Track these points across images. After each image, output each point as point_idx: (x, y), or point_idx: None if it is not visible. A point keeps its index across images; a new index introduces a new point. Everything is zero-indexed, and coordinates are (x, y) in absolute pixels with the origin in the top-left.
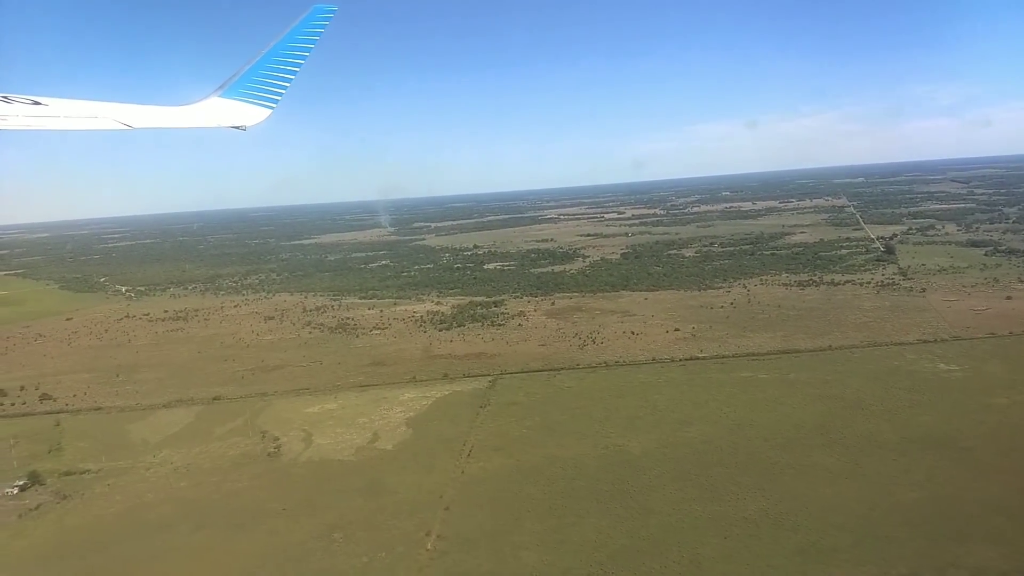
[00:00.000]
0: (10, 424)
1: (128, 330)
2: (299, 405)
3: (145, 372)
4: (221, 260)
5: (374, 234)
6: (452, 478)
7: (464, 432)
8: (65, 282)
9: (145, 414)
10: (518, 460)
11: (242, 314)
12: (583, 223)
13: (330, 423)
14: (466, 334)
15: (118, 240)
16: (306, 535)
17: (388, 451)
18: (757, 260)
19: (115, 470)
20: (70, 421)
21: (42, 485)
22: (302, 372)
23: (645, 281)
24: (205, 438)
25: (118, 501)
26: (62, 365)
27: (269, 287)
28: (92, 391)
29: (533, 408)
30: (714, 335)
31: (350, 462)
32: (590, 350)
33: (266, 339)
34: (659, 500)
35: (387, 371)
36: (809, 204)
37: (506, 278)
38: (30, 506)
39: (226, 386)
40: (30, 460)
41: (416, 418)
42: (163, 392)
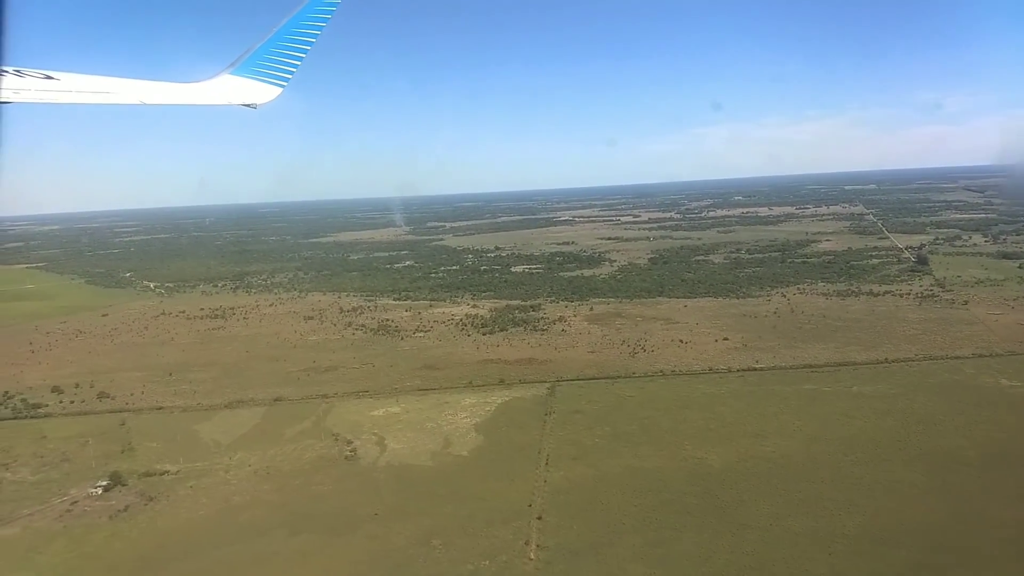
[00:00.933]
0: (75, 423)
1: (167, 327)
2: (362, 408)
3: (197, 371)
4: (243, 257)
5: (390, 233)
6: (536, 487)
7: (536, 440)
8: (91, 277)
9: (208, 414)
10: (599, 471)
11: (279, 313)
12: (600, 226)
13: (398, 427)
14: (511, 339)
15: (131, 234)
16: (405, 541)
17: (464, 457)
18: (789, 268)
19: (194, 471)
20: (134, 420)
21: (124, 486)
22: (356, 374)
23: (680, 288)
24: (276, 440)
25: (205, 504)
26: (110, 362)
27: (299, 286)
28: (148, 390)
29: (600, 417)
30: (765, 345)
31: (429, 467)
32: (642, 358)
33: (310, 339)
34: (752, 515)
35: (441, 375)
36: (826, 211)
37: (535, 281)
38: (118, 507)
39: (284, 387)
40: (105, 460)
41: (483, 424)
42: (221, 392)
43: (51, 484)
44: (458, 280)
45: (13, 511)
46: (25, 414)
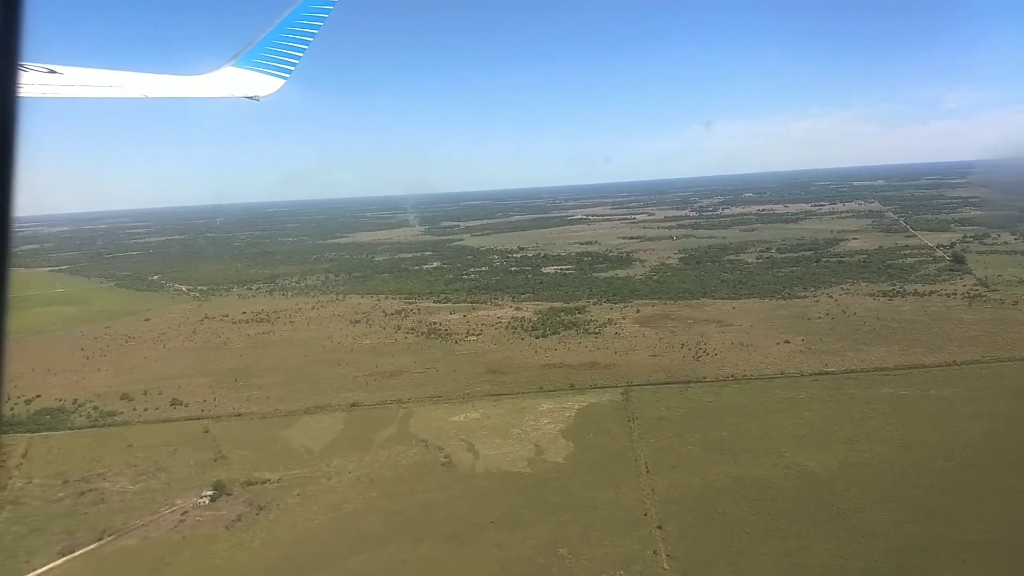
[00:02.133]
0: (156, 430)
1: (216, 332)
2: (441, 413)
3: (262, 376)
4: (267, 259)
5: (406, 233)
6: (644, 495)
7: (627, 447)
8: (118, 280)
9: (289, 420)
10: (703, 479)
11: (324, 317)
12: (617, 225)
13: (483, 433)
14: (566, 342)
15: (144, 235)
16: (531, 550)
17: (561, 464)
18: (826, 268)
19: (295, 479)
20: (216, 428)
21: (229, 495)
22: (422, 378)
23: (722, 289)
24: (367, 446)
25: (317, 512)
26: (170, 368)
27: (334, 289)
28: (219, 396)
29: (685, 423)
30: (828, 348)
31: (529, 474)
32: (707, 362)
33: (364, 343)
34: (873, 522)
35: (508, 379)
36: (843, 208)
37: (570, 283)
38: (230, 517)
39: (355, 392)
40: (200, 469)
41: (569, 430)
42: (294, 398)
43: (154, 494)
44: (492, 282)
45: (126, 521)
46: (102, 422)
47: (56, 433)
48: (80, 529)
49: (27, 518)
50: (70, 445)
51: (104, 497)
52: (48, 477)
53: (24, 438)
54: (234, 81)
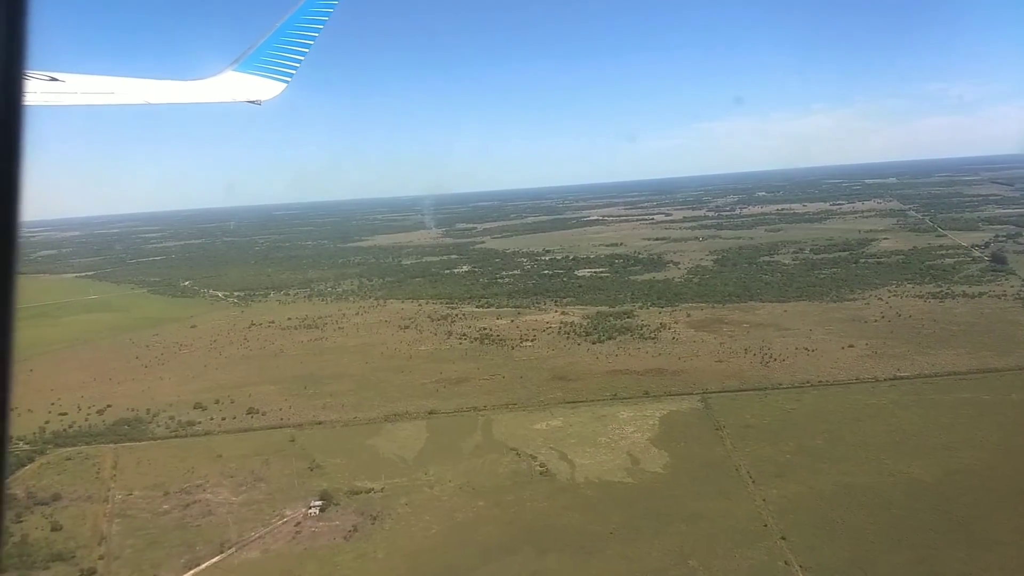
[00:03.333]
0: (240, 440)
1: (268, 339)
2: (521, 421)
3: (330, 384)
4: (293, 264)
5: (425, 236)
6: (757, 506)
7: (723, 456)
8: (150, 286)
9: (372, 428)
10: (810, 488)
11: (370, 323)
12: (636, 226)
13: (572, 442)
14: (624, 348)
15: (160, 240)
16: (658, 562)
17: (661, 474)
18: (866, 269)
19: (398, 488)
20: (301, 436)
21: (337, 505)
22: (490, 385)
23: (767, 291)
24: (457, 455)
25: (430, 521)
26: (233, 376)
27: (370, 294)
28: (294, 404)
29: (775, 431)
30: (895, 352)
31: (632, 484)
32: (776, 368)
33: (421, 350)
34: (997, 530)
35: (577, 386)
36: (863, 207)
37: (609, 286)
38: (345, 527)
39: (427, 400)
40: (298, 478)
41: (659, 439)
42: (368, 405)
43: (260, 505)
44: (528, 286)
45: (241, 533)
46: (182, 432)
47: (139, 443)
48: (197, 542)
49: (140, 531)
50: (157, 455)
51: (211, 509)
52: (147, 489)
53: (108, 448)
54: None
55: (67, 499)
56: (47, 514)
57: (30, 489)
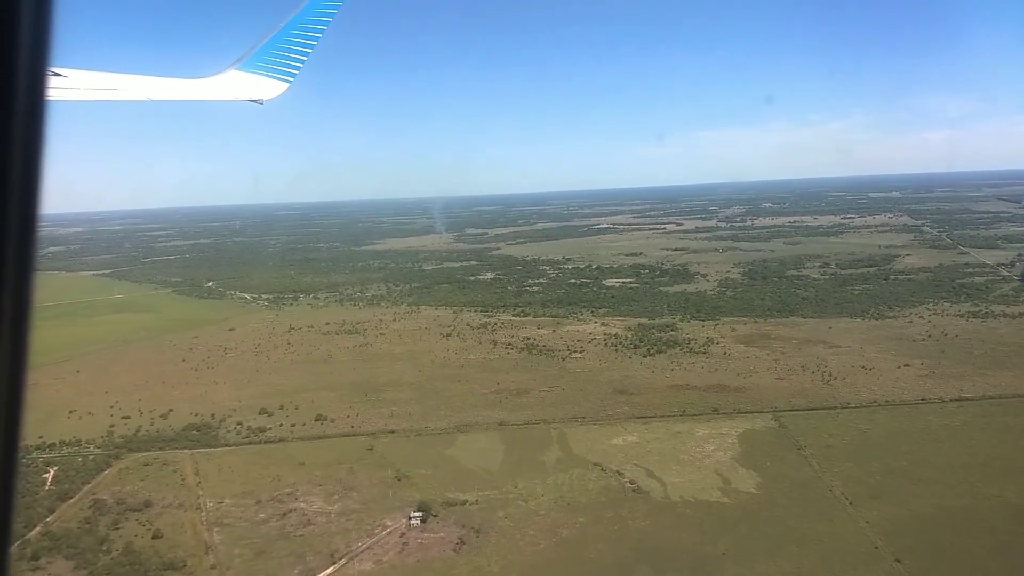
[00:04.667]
0: (317, 447)
1: (311, 344)
2: (596, 435)
3: (389, 392)
4: (312, 267)
5: (437, 240)
6: (861, 528)
7: (813, 477)
8: (173, 287)
9: (445, 439)
10: (909, 510)
11: (409, 329)
12: (650, 235)
13: (654, 458)
14: (677, 362)
15: (167, 238)
16: None
17: (756, 494)
18: (897, 286)
19: (492, 500)
20: (378, 445)
21: (435, 516)
22: (551, 397)
23: (805, 307)
24: (541, 468)
25: (535, 536)
26: (288, 382)
27: (400, 299)
28: (360, 412)
29: (857, 452)
30: (952, 372)
31: (730, 504)
32: (839, 387)
33: (470, 359)
34: None
35: (641, 401)
36: (875, 221)
37: (642, 297)
38: (450, 539)
39: (491, 410)
40: (388, 488)
41: (742, 458)
42: (434, 415)
43: (357, 514)
44: (559, 295)
45: (348, 544)
46: (255, 438)
47: (214, 450)
48: (305, 552)
49: (243, 540)
50: (237, 462)
51: (309, 518)
52: (238, 496)
53: (185, 454)
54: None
55: (158, 506)
56: (142, 521)
57: (119, 495)
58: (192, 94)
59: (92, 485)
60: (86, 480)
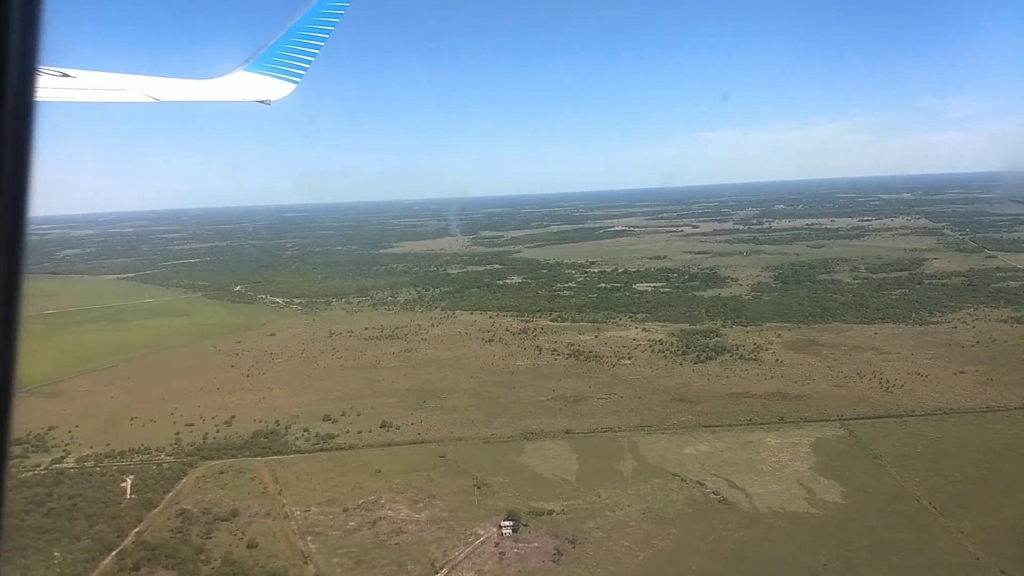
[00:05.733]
0: (390, 455)
1: (356, 349)
2: (666, 444)
3: (446, 399)
4: (335, 270)
5: (453, 243)
6: (956, 537)
7: (896, 486)
8: (201, 290)
9: (515, 446)
10: (1001, 520)
11: (449, 334)
12: (669, 238)
13: (731, 468)
14: (731, 368)
15: (182, 241)
16: None
17: (844, 504)
18: (933, 291)
19: (578, 510)
20: (449, 453)
21: (525, 525)
22: (611, 405)
23: (846, 312)
24: (619, 478)
25: (631, 547)
26: (342, 388)
27: (432, 303)
28: (423, 419)
29: (933, 461)
30: (1010, 379)
31: (819, 515)
32: (899, 394)
33: (518, 365)
34: None
35: (703, 409)
36: (893, 223)
37: (676, 302)
38: (546, 549)
39: (554, 418)
40: (470, 496)
41: (820, 467)
42: (497, 422)
43: (447, 523)
44: (591, 300)
45: (445, 553)
46: (325, 445)
47: (286, 457)
48: (405, 561)
49: (340, 549)
50: (313, 470)
51: (400, 526)
52: (323, 504)
53: (258, 462)
54: (245, 85)
55: (245, 515)
56: (233, 531)
57: (203, 504)
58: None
59: (173, 494)
60: (166, 489)
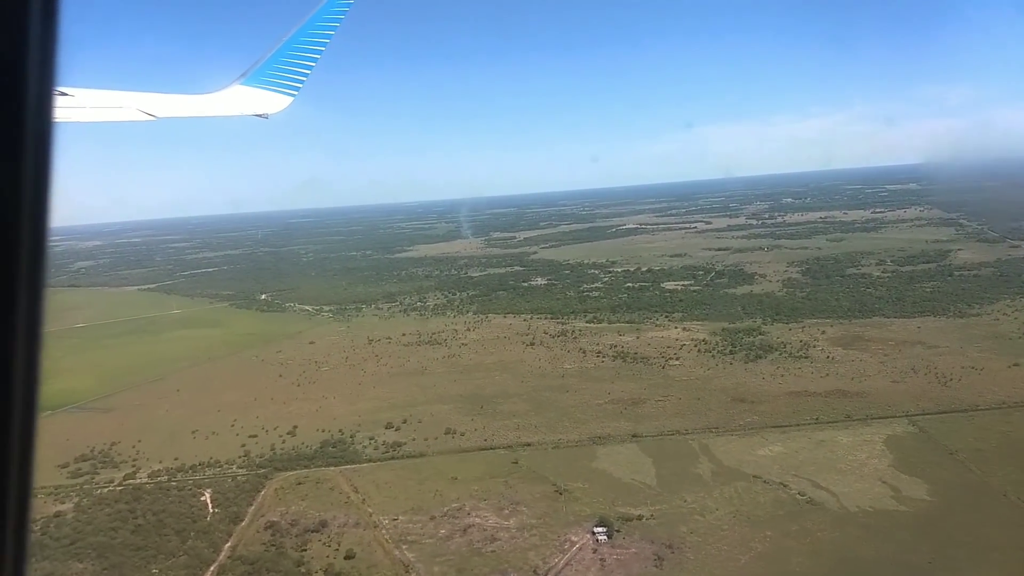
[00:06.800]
0: (463, 462)
1: (397, 356)
2: (738, 446)
3: (502, 403)
4: (356, 276)
5: (467, 245)
6: None
7: (979, 481)
8: (226, 299)
9: (585, 451)
10: None
11: (488, 339)
12: (685, 235)
13: (811, 468)
14: (782, 367)
15: (193, 250)
16: None
17: (932, 502)
18: (967, 283)
19: (666, 515)
20: (521, 459)
21: (617, 532)
22: (671, 407)
23: (884, 307)
24: (699, 481)
25: (730, 551)
26: (396, 395)
27: (463, 307)
28: (486, 425)
29: (1010, 456)
30: None
31: (911, 513)
32: (958, 388)
33: (566, 368)
34: None
35: (766, 409)
36: (906, 215)
37: (710, 300)
38: (645, 555)
39: (616, 421)
40: (553, 502)
41: (899, 465)
42: (560, 427)
43: (538, 529)
44: (623, 300)
45: (544, 559)
46: (396, 453)
47: (359, 466)
48: (506, 568)
49: (438, 558)
50: (390, 478)
51: (491, 534)
52: (408, 513)
53: (333, 471)
54: (243, 100)
55: (334, 525)
56: (326, 541)
57: (289, 516)
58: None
59: (255, 507)
60: (247, 501)
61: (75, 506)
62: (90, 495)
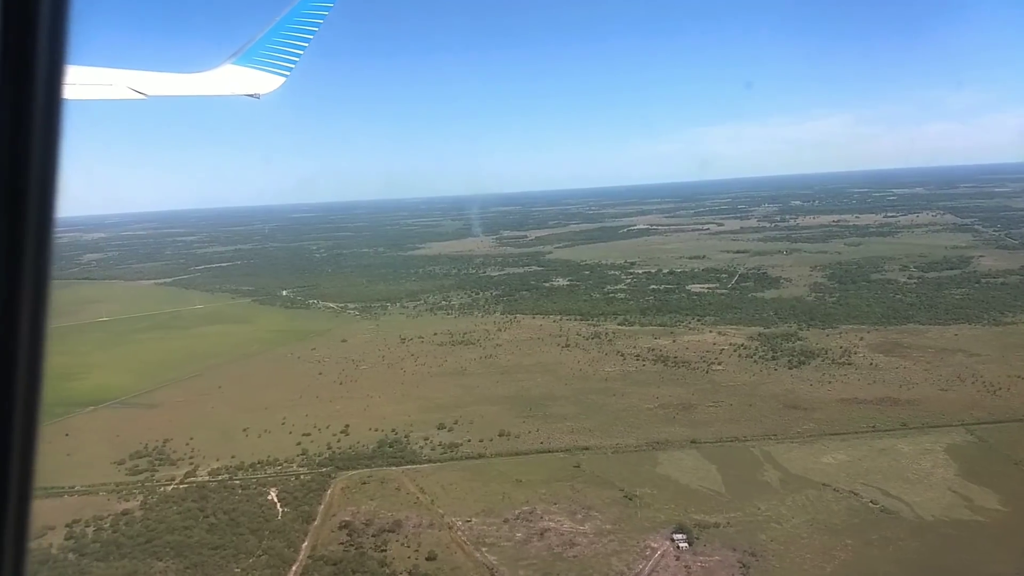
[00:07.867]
0: (521, 464)
1: (433, 355)
2: (802, 454)
3: (550, 406)
4: (373, 273)
5: (477, 243)
6: None
7: None
8: (248, 295)
9: (646, 456)
10: None
11: (521, 339)
12: (699, 237)
13: (878, 476)
14: (827, 373)
15: (202, 244)
16: None
17: (1006, 512)
18: (995, 291)
19: (742, 523)
20: (583, 463)
21: (697, 539)
22: (723, 413)
23: (918, 313)
24: (768, 488)
25: (813, 559)
26: (441, 395)
27: (489, 307)
28: (539, 428)
29: None
30: None
31: (987, 523)
32: (1009, 397)
33: (607, 371)
34: None
35: (821, 417)
36: (920, 220)
37: (739, 304)
38: (729, 563)
39: (671, 427)
40: (625, 508)
41: (966, 474)
42: (613, 431)
43: (616, 535)
44: (650, 302)
45: (628, 566)
46: (455, 455)
47: (421, 466)
48: (592, 574)
49: (520, 561)
50: (454, 479)
51: (569, 538)
52: (480, 515)
53: (396, 471)
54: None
55: (408, 526)
56: (403, 542)
57: (362, 516)
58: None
59: (325, 506)
60: (316, 500)
61: (141, 504)
62: (154, 493)
